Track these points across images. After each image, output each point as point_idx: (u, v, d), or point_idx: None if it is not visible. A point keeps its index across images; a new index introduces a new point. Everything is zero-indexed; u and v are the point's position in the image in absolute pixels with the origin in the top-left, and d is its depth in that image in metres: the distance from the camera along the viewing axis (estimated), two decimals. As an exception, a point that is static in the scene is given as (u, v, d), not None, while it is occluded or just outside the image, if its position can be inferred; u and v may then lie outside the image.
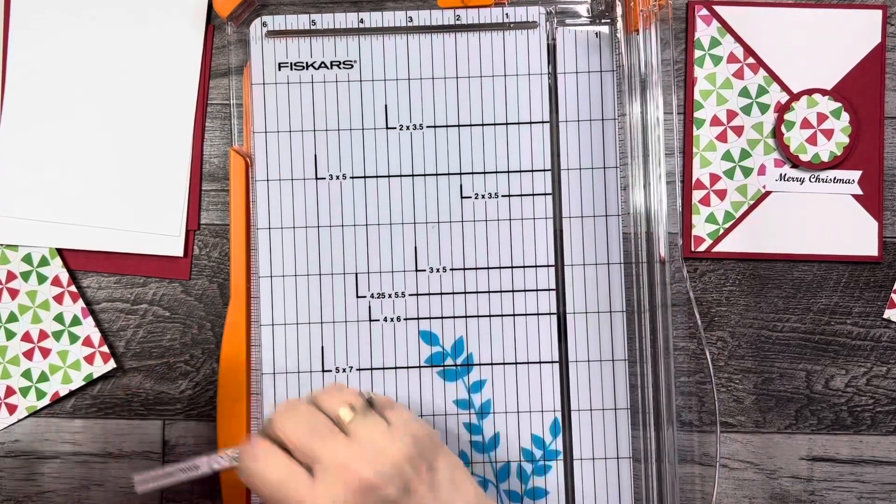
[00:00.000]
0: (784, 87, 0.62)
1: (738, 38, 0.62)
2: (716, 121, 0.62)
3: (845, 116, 0.61)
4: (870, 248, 0.61)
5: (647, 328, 0.55)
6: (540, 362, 0.60)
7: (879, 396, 0.62)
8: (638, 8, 0.55)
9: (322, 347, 0.60)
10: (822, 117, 0.61)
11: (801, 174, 0.61)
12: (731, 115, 0.62)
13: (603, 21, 0.60)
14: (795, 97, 0.61)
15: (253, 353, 0.60)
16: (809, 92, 0.61)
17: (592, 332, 0.60)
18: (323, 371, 0.60)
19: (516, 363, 0.60)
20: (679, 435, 0.60)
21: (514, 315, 0.60)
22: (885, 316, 0.62)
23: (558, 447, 0.59)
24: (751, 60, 0.62)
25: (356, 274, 0.60)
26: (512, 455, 0.59)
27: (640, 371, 0.58)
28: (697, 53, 0.62)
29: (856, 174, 0.61)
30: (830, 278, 0.62)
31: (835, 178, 0.61)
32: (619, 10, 0.59)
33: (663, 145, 0.53)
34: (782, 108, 0.61)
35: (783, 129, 0.61)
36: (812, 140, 0.61)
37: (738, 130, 0.62)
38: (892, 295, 0.62)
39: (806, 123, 0.61)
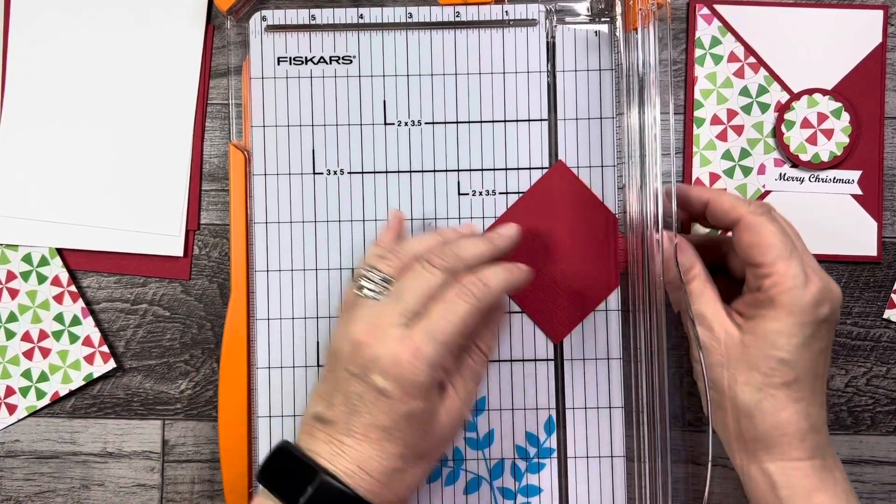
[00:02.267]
0: (784, 87, 0.64)
1: (738, 38, 0.64)
2: (716, 120, 0.64)
3: (845, 116, 0.63)
4: (869, 248, 0.63)
5: (642, 327, 0.57)
6: (535, 360, 0.62)
7: (879, 396, 0.64)
8: (637, 7, 0.57)
9: (318, 342, 0.62)
10: (822, 117, 0.63)
11: (801, 174, 0.63)
12: (732, 114, 0.64)
13: (602, 20, 0.62)
14: (796, 97, 0.64)
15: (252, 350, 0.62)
16: (810, 91, 0.64)
17: (588, 330, 0.61)
18: (318, 366, 0.62)
19: (511, 360, 0.62)
20: (675, 434, 0.63)
21: (510, 312, 0.62)
22: (885, 316, 0.64)
23: (553, 445, 0.61)
24: (751, 60, 0.64)
25: (353, 270, 0.62)
26: (506, 452, 0.61)
27: (634, 370, 0.60)
28: (698, 52, 0.64)
29: (855, 174, 0.63)
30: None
31: (834, 178, 0.63)
32: (618, 9, 0.61)
33: (660, 144, 0.54)
34: (782, 108, 0.63)
35: (783, 128, 0.63)
36: (812, 140, 0.63)
37: (739, 129, 0.64)
38: (892, 295, 0.64)
39: (806, 123, 0.63)
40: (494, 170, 0.62)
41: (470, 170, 0.62)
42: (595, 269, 0.62)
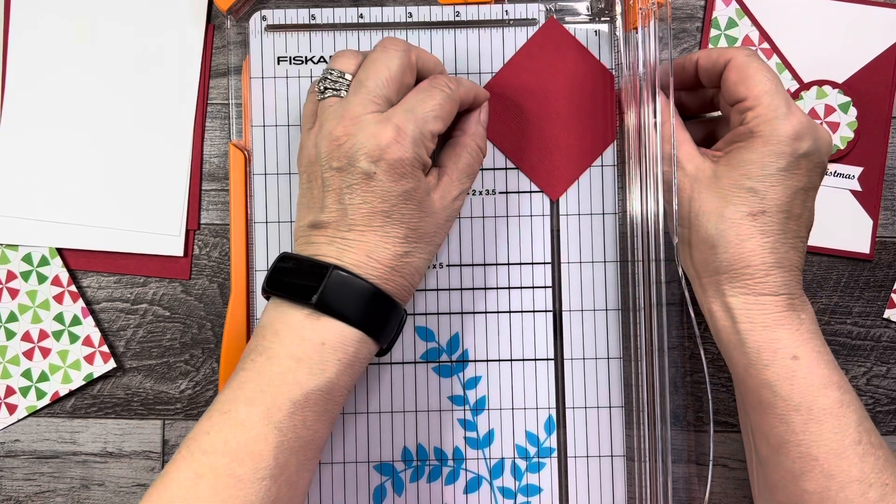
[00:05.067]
0: (795, 76, 0.65)
1: (755, 22, 0.65)
2: None
3: (853, 111, 0.64)
4: (862, 245, 0.64)
5: (642, 326, 0.58)
6: (535, 359, 0.63)
7: (879, 396, 0.64)
8: (637, 6, 0.58)
9: (318, 342, 0.63)
10: (829, 109, 0.64)
11: None
12: None
13: (602, 19, 0.63)
14: (805, 86, 0.65)
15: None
16: (820, 83, 0.65)
17: (588, 329, 0.62)
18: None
19: (511, 360, 0.63)
20: (677, 434, 0.63)
21: (510, 312, 0.63)
22: (884, 316, 0.64)
23: (552, 444, 0.62)
24: (765, 45, 0.65)
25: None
26: (506, 452, 0.62)
27: (634, 369, 0.60)
28: (713, 33, 0.65)
29: (857, 170, 0.64)
30: (830, 278, 0.64)
31: (835, 172, 0.64)
32: (618, 9, 0.62)
33: (660, 143, 0.55)
34: (791, 97, 0.64)
35: None
36: None
37: None
38: (892, 295, 0.64)
39: (813, 114, 0.64)
40: (494, 169, 0.63)
41: (470, 169, 0.63)
42: (591, 124, 0.63)
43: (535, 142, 0.63)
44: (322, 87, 0.56)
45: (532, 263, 0.63)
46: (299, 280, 0.53)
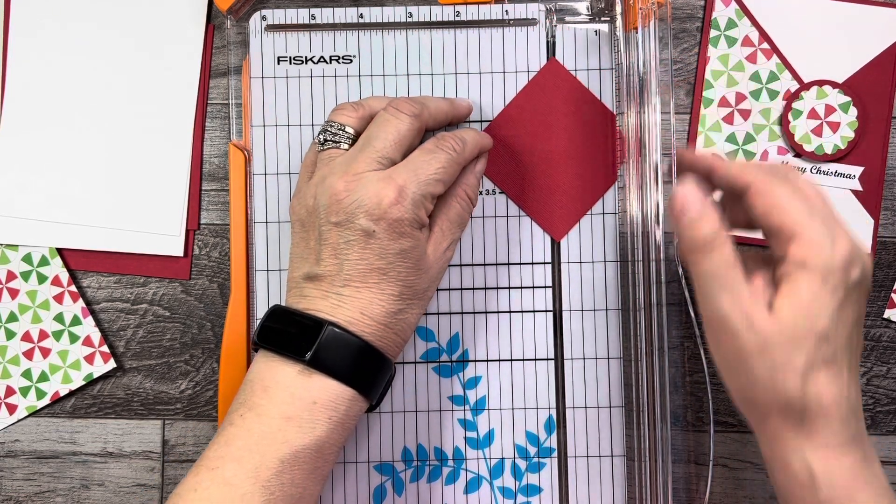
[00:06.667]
0: (795, 76, 0.65)
1: (755, 22, 0.65)
2: (724, 102, 0.65)
3: (853, 111, 0.64)
4: (864, 245, 0.63)
5: (642, 326, 0.58)
6: (535, 359, 0.63)
7: (879, 396, 0.64)
8: (637, 6, 0.58)
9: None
10: (829, 109, 0.64)
11: (804, 164, 0.64)
12: (740, 97, 0.65)
13: (602, 19, 0.63)
14: (806, 87, 0.65)
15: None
16: (820, 83, 0.65)
17: (588, 329, 0.63)
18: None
19: (511, 360, 0.63)
20: (677, 434, 0.63)
21: (510, 312, 0.63)
22: (885, 316, 0.64)
23: (553, 444, 0.62)
24: (765, 46, 0.65)
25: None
26: (506, 452, 0.62)
27: (634, 369, 0.60)
28: (713, 33, 0.65)
29: (857, 170, 0.64)
30: (831, 277, 0.66)
31: (836, 172, 0.64)
32: (618, 9, 0.62)
33: (660, 144, 0.55)
34: (791, 97, 0.64)
35: (790, 117, 0.64)
36: (817, 131, 0.64)
37: (745, 114, 0.65)
38: (892, 295, 0.64)
39: (813, 114, 0.64)
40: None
41: (470, 169, 0.63)
42: (593, 165, 0.63)
43: (538, 183, 0.63)
44: (322, 139, 0.57)
45: (532, 263, 0.63)
46: (292, 335, 0.53)
